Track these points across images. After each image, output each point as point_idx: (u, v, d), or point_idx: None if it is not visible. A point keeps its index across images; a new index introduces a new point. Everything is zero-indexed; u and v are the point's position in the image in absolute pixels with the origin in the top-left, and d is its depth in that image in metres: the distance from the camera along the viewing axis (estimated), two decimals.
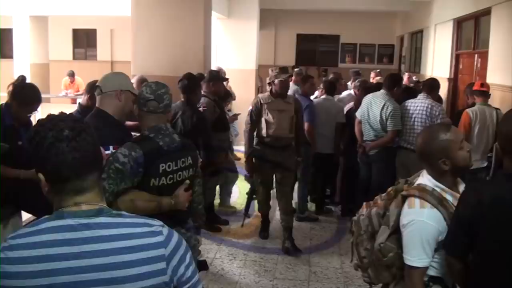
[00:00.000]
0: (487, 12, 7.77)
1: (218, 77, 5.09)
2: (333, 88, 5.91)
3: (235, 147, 7.24)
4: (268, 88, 4.81)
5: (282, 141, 4.68)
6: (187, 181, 2.44)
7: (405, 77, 8.82)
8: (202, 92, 4.96)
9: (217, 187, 5.74)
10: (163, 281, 1.26)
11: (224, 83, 6.01)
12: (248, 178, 4.98)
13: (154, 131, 2.39)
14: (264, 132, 4.64)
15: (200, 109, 4.81)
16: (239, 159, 7.03)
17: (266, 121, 4.61)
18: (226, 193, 5.95)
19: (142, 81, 5.03)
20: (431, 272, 1.98)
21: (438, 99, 5.37)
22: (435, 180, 2.00)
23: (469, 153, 2.00)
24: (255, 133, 4.80)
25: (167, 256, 1.27)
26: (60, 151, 1.22)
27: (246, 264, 4.54)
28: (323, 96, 5.85)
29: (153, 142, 2.35)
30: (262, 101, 4.64)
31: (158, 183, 2.33)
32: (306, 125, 5.34)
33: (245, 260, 4.62)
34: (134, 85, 3.27)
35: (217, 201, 5.86)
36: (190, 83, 4.60)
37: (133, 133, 2.88)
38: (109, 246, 1.21)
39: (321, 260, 4.66)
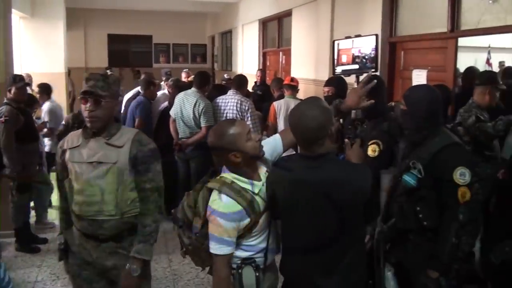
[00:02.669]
0: (288, 13, 8.55)
1: (16, 81, 4.66)
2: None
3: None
4: None
5: (100, 226, 2.36)
6: None
7: (184, 74, 9.27)
8: (5, 100, 4.54)
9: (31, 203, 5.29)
10: None
11: (29, 88, 5.57)
12: None
13: None
14: (70, 205, 2.44)
15: (1, 119, 4.39)
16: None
17: (70, 186, 2.41)
18: (41, 209, 5.51)
19: None
20: (243, 254, 2.13)
21: (247, 94, 5.73)
22: (232, 172, 2.14)
23: (259, 142, 2.16)
24: None
25: None
26: None
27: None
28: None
29: None
30: (66, 145, 2.45)
31: None
32: (136, 120, 5.47)
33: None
34: None
35: (33, 219, 5.39)
36: None
37: None
38: None
39: None
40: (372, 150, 2.76)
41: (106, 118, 2.36)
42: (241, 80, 5.51)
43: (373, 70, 4.39)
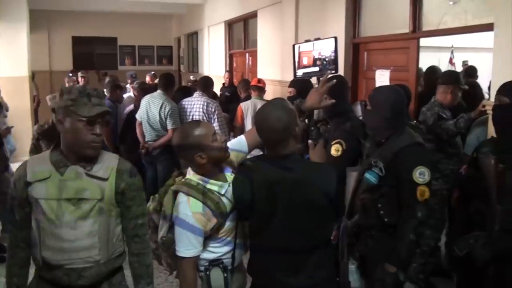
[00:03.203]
0: (254, 14, 8.57)
1: None
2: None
3: (12, 165, 6.55)
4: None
5: (79, 275, 1.93)
6: None
7: (148, 77, 9.22)
8: None
9: None
10: None
11: None
12: None
13: None
14: (37, 251, 1.96)
15: None
16: None
17: (38, 228, 1.92)
18: (7, 218, 5.34)
19: None
20: (210, 256, 2.13)
21: (214, 96, 5.73)
22: (198, 173, 2.13)
23: (224, 143, 2.16)
24: None
25: None
26: None
27: None
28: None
29: None
30: (30, 177, 1.91)
31: None
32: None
33: None
34: None
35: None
36: None
37: None
38: None
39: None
40: (335, 149, 2.82)
41: None
42: (206, 82, 5.49)
43: (333, 72, 4.47)
